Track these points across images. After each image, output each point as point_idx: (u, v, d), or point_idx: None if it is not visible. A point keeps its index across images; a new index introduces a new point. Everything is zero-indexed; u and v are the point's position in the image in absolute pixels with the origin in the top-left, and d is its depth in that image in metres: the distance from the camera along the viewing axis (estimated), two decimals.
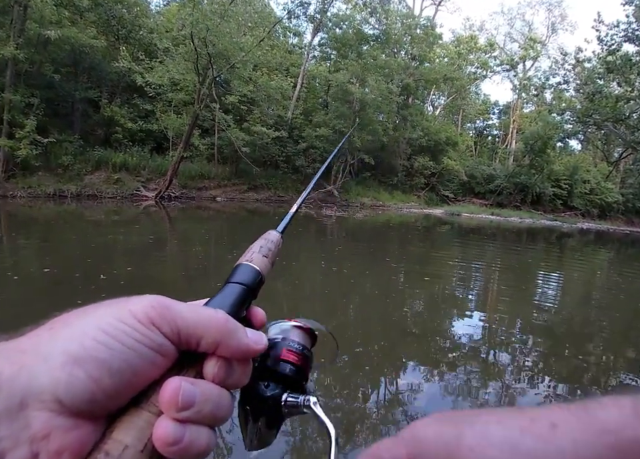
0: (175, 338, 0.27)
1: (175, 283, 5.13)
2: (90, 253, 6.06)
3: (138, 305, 0.27)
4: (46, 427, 0.22)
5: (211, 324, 0.28)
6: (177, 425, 0.25)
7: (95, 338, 0.24)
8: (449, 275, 7.07)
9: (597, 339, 4.24)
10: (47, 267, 4.99)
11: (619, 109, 17.65)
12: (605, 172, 32.21)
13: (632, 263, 11.57)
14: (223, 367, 0.28)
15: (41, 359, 0.23)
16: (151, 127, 16.78)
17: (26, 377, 0.22)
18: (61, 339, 0.24)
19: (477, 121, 42.63)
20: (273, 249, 0.42)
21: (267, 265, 0.39)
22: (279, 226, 0.47)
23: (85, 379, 0.23)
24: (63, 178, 13.39)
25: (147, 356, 0.25)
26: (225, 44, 14.34)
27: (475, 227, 19.03)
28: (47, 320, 0.27)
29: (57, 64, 13.98)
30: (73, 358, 0.23)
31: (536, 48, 35.30)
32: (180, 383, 0.26)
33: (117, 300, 0.28)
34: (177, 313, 0.27)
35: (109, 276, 4.80)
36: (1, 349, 0.24)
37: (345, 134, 21.16)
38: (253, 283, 0.35)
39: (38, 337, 0.25)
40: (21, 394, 0.22)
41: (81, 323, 0.26)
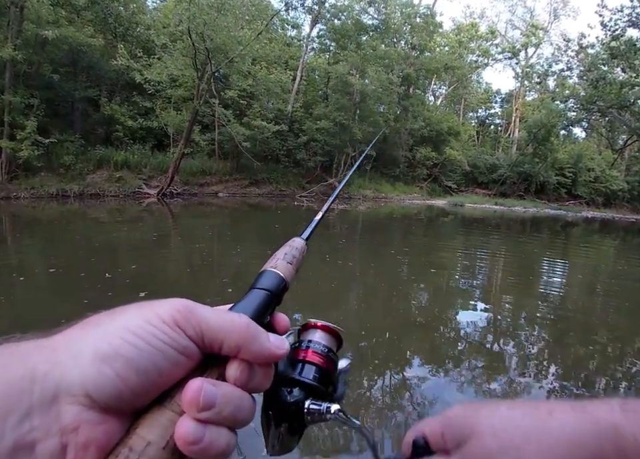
0: (199, 341, 0.28)
1: (180, 280, 5.14)
2: (94, 252, 6.08)
3: (164, 308, 0.28)
4: (76, 420, 0.24)
5: (233, 328, 0.29)
6: (198, 425, 0.26)
7: (124, 338, 0.26)
8: (455, 266, 7.06)
9: (604, 328, 4.21)
10: (52, 267, 5.01)
11: (623, 96, 17.40)
12: (610, 160, 31.87)
13: (638, 251, 11.49)
14: (244, 371, 0.29)
15: (72, 356, 0.25)
16: (151, 124, 16.74)
17: (58, 372, 0.24)
18: (91, 338, 0.26)
19: (479, 110, 42.25)
20: (297, 256, 0.42)
21: (291, 271, 0.39)
22: (304, 233, 0.46)
23: (113, 377, 0.24)
24: (65, 178, 13.41)
25: (172, 357, 0.27)
26: (223, 38, 14.23)
27: (479, 217, 18.94)
28: (78, 320, 0.28)
29: (56, 64, 13.91)
30: (102, 356, 0.25)
31: (538, 35, 34.80)
32: (202, 384, 0.27)
33: (144, 303, 0.29)
34: (201, 317, 0.28)
35: (114, 274, 4.82)
36: (36, 346, 0.26)
37: (345, 126, 21.08)
38: (276, 289, 0.36)
39: (70, 336, 0.27)
40: (54, 389, 0.23)
41: (111, 324, 0.27)
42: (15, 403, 0.22)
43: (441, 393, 2.63)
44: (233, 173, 19.36)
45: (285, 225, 11.05)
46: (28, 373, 0.23)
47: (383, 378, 2.81)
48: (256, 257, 6.55)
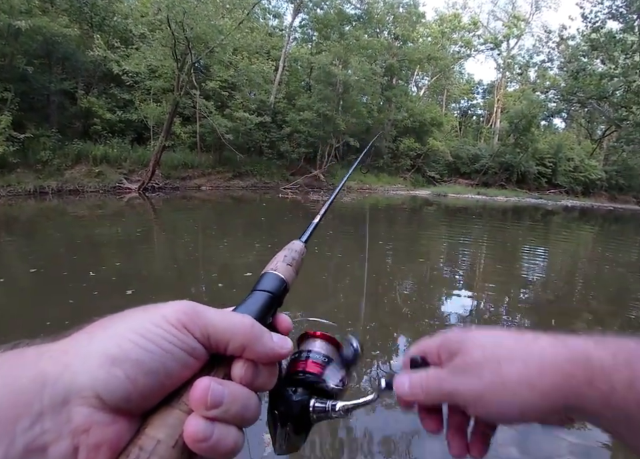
0: (205, 342, 0.29)
1: (167, 277, 5.06)
2: (76, 250, 5.94)
3: (171, 310, 0.29)
4: (87, 422, 0.24)
5: (238, 329, 0.30)
6: (206, 423, 0.26)
7: (132, 340, 0.26)
8: (439, 255, 7.25)
9: (584, 312, 4.34)
10: (33, 266, 4.86)
11: (602, 87, 17.71)
12: (589, 150, 32.55)
13: (616, 238, 11.80)
14: (249, 370, 0.30)
15: (81, 359, 0.25)
16: (130, 116, 16.30)
17: (68, 375, 0.24)
18: (100, 341, 0.27)
19: (461, 101, 42.51)
20: (297, 258, 0.43)
21: (292, 273, 0.40)
22: (303, 236, 0.48)
23: (122, 378, 0.25)
24: (42, 174, 12.99)
25: (180, 358, 0.27)
26: (203, 27, 13.88)
27: (462, 207, 19.18)
28: (86, 324, 0.29)
29: (30, 55, 13.33)
30: (111, 358, 0.25)
31: (520, 26, 35.05)
32: (209, 382, 0.27)
33: (151, 306, 0.30)
34: (207, 319, 0.29)
35: (99, 273, 4.71)
36: (46, 350, 0.26)
37: (328, 117, 20.96)
38: (278, 290, 0.37)
39: (78, 340, 0.27)
40: (64, 391, 0.24)
41: (119, 327, 0.28)
42: (26, 407, 0.23)
43: None
44: (216, 165, 19.09)
45: (271, 218, 11.00)
46: (38, 377, 0.24)
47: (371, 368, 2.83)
48: (244, 251, 6.52)
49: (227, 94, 18.13)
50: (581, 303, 4.82)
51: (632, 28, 16.37)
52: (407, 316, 3.94)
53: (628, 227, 17.00)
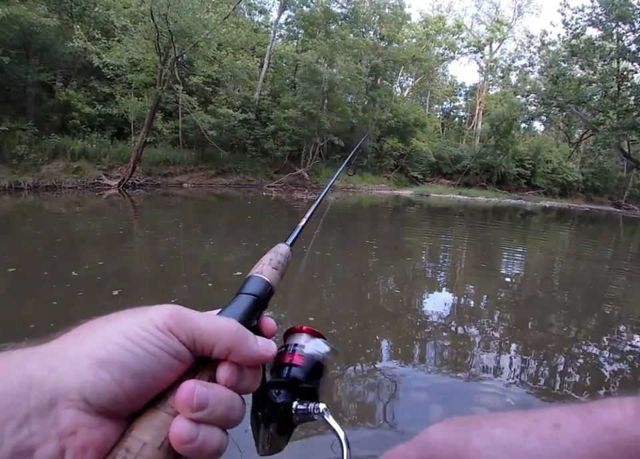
0: (191, 345, 0.29)
1: (154, 276, 4.94)
2: (55, 249, 5.72)
3: (157, 314, 0.29)
4: (73, 424, 0.24)
5: (223, 332, 0.30)
6: (192, 425, 0.27)
7: (119, 343, 0.27)
8: (423, 254, 7.33)
9: (560, 310, 4.43)
10: (10, 266, 4.65)
11: (581, 92, 18.15)
12: (567, 152, 33.33)
13: (592, 238, 12.13)
14: (234, 372, 0.30)
15: (68, 361, 0.26)
16: (111, 111, 15.88)
17: (55, 378, 0.25)
18: (87, 344, 0.27)
19: (444, 103, 42.97)
20: (282, 262, 0.43)
21: (277, 276, 0.41)
22: (288, 239, 0.49)
23: (109, 381, 0.25)
24: (18, 169, 12.50)
25: (166, 361, 0.28)
26: (188, 21, 13.61)
27: (444, 206, 19.42)
28: (73, 327, 0.29)
29: (6, 46, 12.74)
30: (98, 361, 0.26)
31: (502, 30, 35.66)
32: (195, 385, 0.28)
33: (137, 309, 0.30)
34: (192, 322, 0.29)
35: (81, 272, 4.55)
36: (32, 353, 0.26)
37: (313, 116, 20.88)
38: (262, 294, 0.37)
39: (65, 342, 0.27)
40: (51, 394, 0.24)
41: (105, 330, 0.28)
42: (13, 410, 0.23)
43: (408, 377, 2.66)
44: (198, 162, 18.80)
45: (257, 216, 10.90)
46: (25, 380, 0.24)
47: (355, 365, 2.80)
48: (231, 250, 6.43)
49: (211, 90, 17.86)
50: (558, 299, 4.93)
51: (610, 35, 16.82)
52: (389, 314, 3.93)
53: (603, 227, 17.51)
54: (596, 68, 18.00)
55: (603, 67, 17.66)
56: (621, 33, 16.56)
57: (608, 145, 18.19)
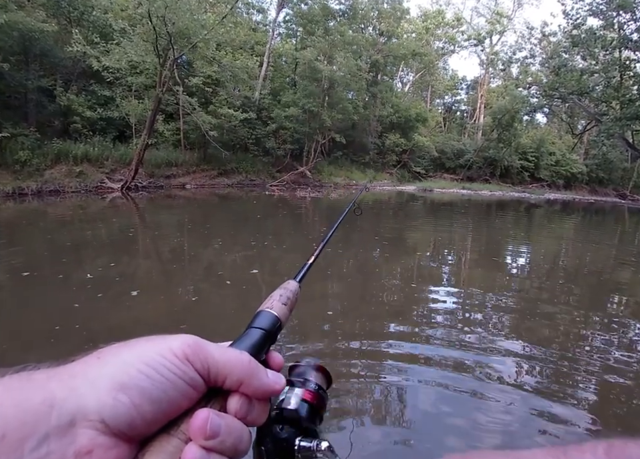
0: (205, 374, 0.30)
1: (170, 276, 4.94)
2: (64, 252, 5.72)
3: (176, 342, 0.30)
4: (90, 444, 0.25)
5: (236, 364, 0.31)
6: (203, 453, 0.28)
7: (139, 369, 0.28)
8: (432, 248, 7.32)
9: (568, 302, 4.39)
10: (23, 270, 4.66)
11: (583, 82, 18.01)
12: (570, 144, 33.16)
13: (597, 229, 12.05)
14: (244, 404, 0.31)
15: (89, 383, 0.27)
16: (112, 114, 15.91)
17: (76, 398, 0.26)
18: (108, 367, 0.28)
19: (445, 97, 42.82)
20: (291, 298, 0.45)
21: (286, 312, 0.42)
22: (297, 276, 0.51)
23: (128, 404, 0.26)
24: (21, 175, 12.56)
25: (181, 388, 0.29)
26: (186, 22, 13.60)
27: (448, 201, 19.35)
28: (93, 350, 0.30)
29: (5, 52, 12.78)
30: (119, 385, 0.27)
31: (502, 22, 35.43)
32: (209, 414, 0.29)
33: (157, 337, 0.31)
34: (208, 353, 0.31)
35: (96, 274, 4.56)
36: (54, 373, 0.27)
37: (314, 113, 20.86)
38: (272, 328, 0.39)
39: (87, 364, 0.28)
40: (71, 414, 0.25)
41: (126, 355, 0.29)
42: (34, 428, 0.24)
43: (414, 374, 2.65)
44: (201, 163, 18.83)
45: (267, 215, 10.97)
46: (47, 399, 0.25)
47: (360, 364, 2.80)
48: (242, 248, 6.46)
49: (211, 90, 17.87)
50: (565, 292, 4.89)
51: (612, 25, 16.66)
52: (394, 311, 3.92)
53: (608, 218, 17.38)
54: (598, 58, 17.85)
55: (604, 57, 17.53)
56: (622, 22, 16.41)
57: (612, 136, 18.05)
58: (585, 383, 2.71)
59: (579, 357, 3.06)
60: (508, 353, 3.07)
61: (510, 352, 3.09)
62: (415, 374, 2.73)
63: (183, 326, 3.40)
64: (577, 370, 2.88)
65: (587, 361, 3.02)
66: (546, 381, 2.73)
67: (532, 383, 2.68)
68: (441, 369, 2.82)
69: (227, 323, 3.53)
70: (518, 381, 2.70)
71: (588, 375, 2.81)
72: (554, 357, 3.05)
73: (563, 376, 2.79)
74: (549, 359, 3.01)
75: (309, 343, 3.09)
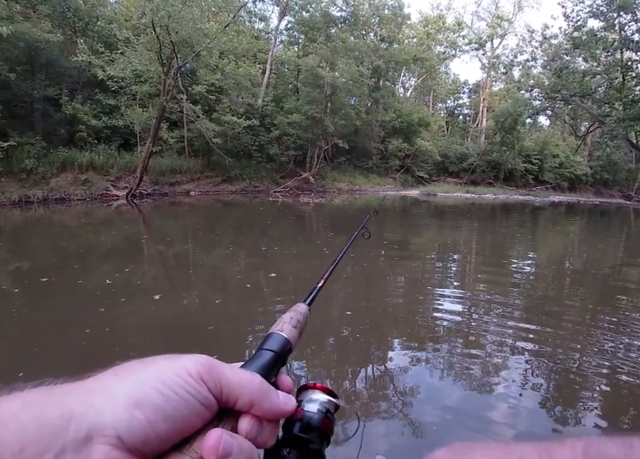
0: (217, 394, 0.31)
1: (186, 280, 4.99)
2: (76, 259, 5.77)
3: (191, 362, 0.31)
4: (105, 458, 0.26)
5: (248, 386, 0.32)
6: None
7: (155, 387, 0.28)
8: (439, 252, 7.27)
9: (573, 305, 4.35)
10: (41, 276, 4.70)
11: (585, 84, 18.00)
12: (573, 146, 33.07)
13: (602, 231, 11.97)
14: (255, 425, 0.32)
15: (107, 399, 0.27)
16: (116, 122, 16.07)
17: (93, 413, 0.26)
18: (125, 384, 0.28)
19: (447, 101, 42.93)
20: (301, 321, 0.46)
21: (296, 335, 0.43)
22: (307, 299, 0.52)
23: (143, 421, 0.27)
24: (27, 183, 12.70)
25: (195, 407, 0.29)
26: (189, 31, 13.76)
27: (452, 205, 19.32)
28: (109, 367, 0.31)
29: (12, 62, 13.00)
30: (135, 402, 0.27)
31: (503, 26, 35.56)
32: (222, 433, 0.29)
33: (172, 356, 0.32)
34: (221, 373, 0.31)
35: (114, 280, 4.63)
36: (72, 388, 0.28)
37: (317, 120, 20.97)
38: (282, 351, 0.39)
39: (104, 381, 0.29)
40: (88, 428, 0.26)
41: (142, 373, 0.30)
42: (52, 441, 0.24)
43: (420, 377, 2.64)
44: (205, 170, 18.94)
45: (273, 221, 11.03)
46: (65, 413, 0.25)
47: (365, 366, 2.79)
48: (255, 254, 6.52)
49: (214, 98, 18.02)
50: (571, 295, 4.86)
51: (612, 26, 16.68)
52: (398, 318, 3.91)
53: (614, 219, 17.27)
54: (599, 59, 17.86)
55: (606, 58, 17.53)
56: (623, 23, 16.43)
57: (615, 137, 17.99)
58: (593, 383, 2.68)
59: (587, 358, 3.04)
60: (515, 352, 3.07)
61: (517, 351, 3.08)
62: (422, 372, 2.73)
63: (210, 327, 3.46)
64: (585, 371, 2.86)
65: (595, 361, 2.99)
66: (555, 381, 2.71)
67: (540, 383, 2.66)
68: (448, 366, 2.81)
69: (252, 324, 3.60)
70: (526, 379, 2.68)
71: (596, 375, 2.79)
72: (562, 358, 3.03)
73: (571, 375, 2.77)
74: (557, 359, 2.99)
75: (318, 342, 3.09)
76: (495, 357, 2.98)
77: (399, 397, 2.45)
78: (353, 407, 2.35)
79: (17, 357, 2.77)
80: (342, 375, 2.72)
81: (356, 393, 2.49)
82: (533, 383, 2.63)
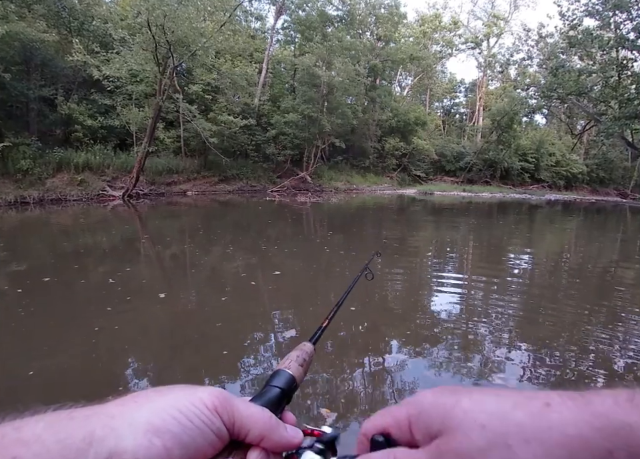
0: (230, 426, 0.32)
1: (189, 279, 5.00)
2: (76, 259, 5.78)
3: (206, 393, 0.32)
4: None
5: (258, 420, 0.34)
6: None
7: (172, 415, 0.30)
8: (437, 251, 7.29)
9: (571, 301, 4.37)
10: (42, 276, 4.68)
11: (581, 83, 18.03)
12: (570, 144, 33.18)
13: (599, 229, 12.01)
14: (263, 458, 0.34)
15: (127, 424, 0.28)
16: (112, 122, 16.00)
17: (114, 438, 0.27)
18: (144, 411, 0.30)
19: (444, 100, 43.00)
20: (307, 360, 0.48)
21: (301, 373, 0.44)
22: (313, 338, 0.54)
23: (160, 447, 0.28)
24: (23, 183, 12.62)
25: (208, 437, 0.31)
26: (185, 30, 13.71)
27: (449, 204, 19.37)
28: (127, 393, 0.32)
29: (7, 62, 12.91)
30: (154, 428, 0.29)
31: (499, 25, 35.60)
32: None
33: (188, 386, 0.34)
34: (235, 406, 0.33)
35: (117, 279, 4.62)
36: (92, 413, 0.29)
37: (313, 119, 20.94)
38: (289, 388, 0.41)
39: (124, 407, 0.30)
40: (109, 452, 0.26)
41: (162, 401, 0.31)
42: None
43: (418, 374, 2.65)
44: (201, 170, 18.89)
45: (271, 220, 11.01)
46: (87, 437, 0.27)
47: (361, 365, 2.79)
48: (256, 253, 6.53)
49: (211, 97, 17.99)
50: (568, 290, 4.88)
51: (608, 25, 16.72)
52: (397, 314, 3.91)
53: (610, 217, 17.34)
54: (595, 58, 17.92)
55: (602, 56, 17.57)
56: (619, 21, 16.46)
57: (611, 135, 18.04)
58: (591, 379, 2.70)
59: (584, 354, 3.06)
60: (515, 347, 3.09)
61: (516, 346, 3.10)
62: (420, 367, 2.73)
63: (218, 324, 3.47)
64: (583, 367, 2.88)
65: (593, 357, 3.01)
66: (552, 377, 2.72)
67: (538, 380, 2.67)
68: (446, 363, 2.81)
69: (258, 320, 3.62)
70: (524, 376, 2.69)
71: (593, 371, 2.81)
72: (560, 353, 3.04)
73: (568, 371, 2.78)
74: (555, 355, 3.00)
75: None
76: (493, 355, 2.99)
77: (396, 397, 2.45)
78: (353, 409, 2.35)
79: (27, 356, 2.77)
80: (342, 375, 2.71)
81: (354, 392, 2.49)
82: (531, 380, 2.64)
